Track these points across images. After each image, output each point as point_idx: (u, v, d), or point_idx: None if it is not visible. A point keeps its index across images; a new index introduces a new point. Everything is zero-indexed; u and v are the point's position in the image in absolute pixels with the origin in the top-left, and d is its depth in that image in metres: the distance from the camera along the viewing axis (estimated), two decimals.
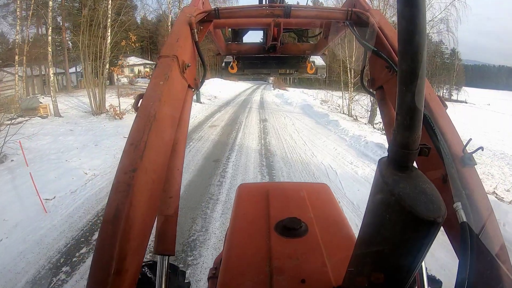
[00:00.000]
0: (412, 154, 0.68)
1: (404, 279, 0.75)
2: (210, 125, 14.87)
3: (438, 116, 1.14)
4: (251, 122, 15.79)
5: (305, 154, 9.94)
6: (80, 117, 16.78)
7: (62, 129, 13.66)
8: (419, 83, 0.60)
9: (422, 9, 0.57)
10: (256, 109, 21.92)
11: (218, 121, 16.26)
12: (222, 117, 17.56)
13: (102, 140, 11.16)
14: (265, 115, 18.68)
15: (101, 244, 0.81)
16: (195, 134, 12.69)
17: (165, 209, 1.24)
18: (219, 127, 14.47)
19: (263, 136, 12.41)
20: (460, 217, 0.80)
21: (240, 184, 2.37)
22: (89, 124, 14.83)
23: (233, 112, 20.10)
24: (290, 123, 15.76)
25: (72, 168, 8.37)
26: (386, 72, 1.39)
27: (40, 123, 15.20)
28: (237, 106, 23.88)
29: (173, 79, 1.22)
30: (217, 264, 1.86)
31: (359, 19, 1.54)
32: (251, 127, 14.26)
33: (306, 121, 16.55)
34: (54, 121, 15.93)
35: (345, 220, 1.81)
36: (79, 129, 13.62)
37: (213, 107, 22.62)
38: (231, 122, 15.81)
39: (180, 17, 1.50)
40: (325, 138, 12.35)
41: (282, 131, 13.51)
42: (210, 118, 17.34)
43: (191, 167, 8.46)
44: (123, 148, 0.95)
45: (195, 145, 10.95)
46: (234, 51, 2.54)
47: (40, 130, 13.25)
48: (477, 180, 1.00)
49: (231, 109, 21.83)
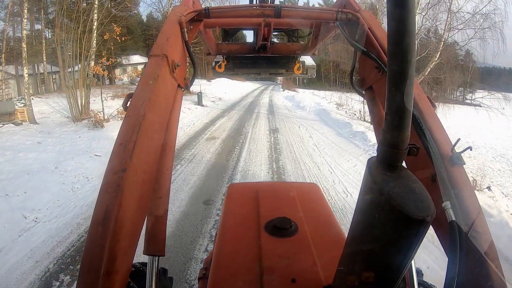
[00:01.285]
0: (401, 153, 0.69)
1: (394, 278, 0.76)
2: (208, 137, 12.24)
3: (427, 116, 1.16)
4: (259, 134, 13.09)
5: (335, 191, 7.06)
6: (58, 125, 14.41)
7: (29, 141, 11.48)
8: (408, 83, 0.61)
9: (411, 10, 0.57)
10: (264, 115, 19.33)
11: (219, 131, 13.64)
12: (225, 125, 14.94)
13: (66, 161, 8.77)
14: (276, 123, 16.03)
15: (90, 246, 0.81)
16: (187, 151, 10.14)
17: (155, 209, 1.26)
18: (219, 140, 11.80)
19: (275, 157, 9.59)
20: (449, 216, 0.84)
21: (230, 184, 2.44)
22: (63, 135, 12.52)
23: (238, 118, 17.49)
24: (307, 135, 13.03)
25: (9, 209, 6.10)
26: (375, 72, 1.42)
27: (10, 131, 13.22)
28: (243, 110, 21.27)
29: (162, 78, 1.22)
30: (207, 264, 1.87)
31: (349, 20, 1.57)
32: (259, 142, 11.55)
33: (326, 132, 13.82)
34: (26, 129, 13.73)
35: (334, 219, 1.84)
36: (49, 142, 11.32)
37: (215, 111, 20.11)
38: (234, 133, 13.14)
39: (170, 16, 1.50)
40: (354, 159, 9.57)
41: (298, 148, 10.77)
42: (210, 126, 14.80)
43: (169, 216, 5.71)
44: (112, 149, 0.94)
45: (182, 170, 8.35)
46: (225, 50, 2.56)
47: (5, 142, 11.37)
48: (465, 180, 1.01)
49: (236, 114, 19.20)
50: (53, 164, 8.55)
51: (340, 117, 17.91)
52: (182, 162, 8.91)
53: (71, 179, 7.55)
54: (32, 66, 26.93)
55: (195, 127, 14.37)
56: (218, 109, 21.09)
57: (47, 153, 9.62)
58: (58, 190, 7.01)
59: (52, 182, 7.36)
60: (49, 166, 8.45)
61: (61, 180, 7.48)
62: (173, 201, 6.30)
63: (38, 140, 11.53)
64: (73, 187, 7.23)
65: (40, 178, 7.51)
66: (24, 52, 14.37)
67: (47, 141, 11.30)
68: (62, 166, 8.35)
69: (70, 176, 7.75)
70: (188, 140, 11.73)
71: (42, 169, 8.17)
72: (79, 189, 7.16)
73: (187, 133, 13.05)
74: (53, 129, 13.44)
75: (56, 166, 8.38)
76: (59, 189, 7.07)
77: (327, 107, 23.23)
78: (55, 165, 8.45)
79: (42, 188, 6.99)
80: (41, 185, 7.14)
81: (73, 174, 7.86)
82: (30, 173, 7.90)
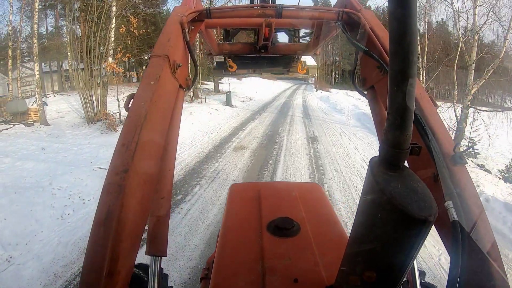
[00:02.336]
0: (403, 153, 0.69)
1: (396, 278, 0.77)
2: (236, 146, 10.51)
3: (429, 115, 1.17)
4: (296, 144, 11.16)
5: None
6: (70, 126, 13.33)
7: (34, 147, 10.45)
8: (410, 83, 0.62)
9: (413, 9, 0.58)
10: (299, 119, 17.46)
11: (249, 138, 11.90)
12: (255, 131, 13.21)
13: (64, 175, 7.42)
14: (313, 130, 14.09)
15: (92, 246, 0.82)
16: (209, 165, 8.54)
17: (157, 210, 1.26)
18: (249, 151, 10.03)
19: (318, 178, 7.64)
20: (451, 215, 0.82)
21: (232, 184, 2.44)
22: (72, 139, 11.39)
23: (271, 122, 15.71)
24: (351, 147, 10.97)
25: None
26: (377, 72, 1.43)
27: (18, 133, 12.35)
28: (276, 112, 19.50)
29: (164, 79, 1.23)
30: (210, 265, 1.89)
31: (351, 19, 1.58)
32: (297, 155, 9.63)
33: (372, 143, 11.65)
34: (36, 131, 12.78)
35: (336, 219, 1.86)
36: (53, 148, 10.16)
37: (245, 113, 18.50)
38: (267, 142, 11.32)
39: (171, 16, 1.52)
40: None
41: (345, 165, 8.74)
42: (239, 131, 13.13)
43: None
44: (114, 150, 0.95)
45: (200, 195, 6.64)
46: (226, 50, 2.57)
47: (8, 146, 10.39)
48: (468, 179, 1.02)
49: (268, 117, 17.44)
50: (48, 179, 7.29)
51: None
52: (201, 182, 7.28)
53: (63, 201, 6.20)
54: (57, 63, 26.66)
55: (222, 132, 12.81)
56: (248, 111, 19.57)
57: (46, 163, 8.37)
58: (45, 217, 5.69)
59: (40, 205, 6.02)
60: (43, 181, 7.17)
61: (51, 203, 6.12)
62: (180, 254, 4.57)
63: (43, 145, 10.46)
64: (63, 212, 5.88)
65: (27, 199, 6.17)
66: (35, 49, 13.29)
67: (52, 147, 10.18)
68: (58, 181, 7.03)
69: (64, 196, 6.41)
70: (213, 149, 10.13)
71: (34, 185, 6.88)
72: (70, 216, 5.79)
73: (212, 140, 11.46)
74: (63, 132, 12.40)
75: (50, 182, 7.07)
76: (46, 215, 5.74)
77: (367, 110, 20.83)
78: (50, 180, 7.15)
79: (26, 214, 5.69)
80: (26, 209, 5.83)
81: (68, 194, 6.52)
82: (18, 191, 6.62)
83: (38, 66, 13.45)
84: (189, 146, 10.55)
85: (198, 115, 15.62)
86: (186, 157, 9.19)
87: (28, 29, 18.02)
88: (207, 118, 15.56)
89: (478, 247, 0.81)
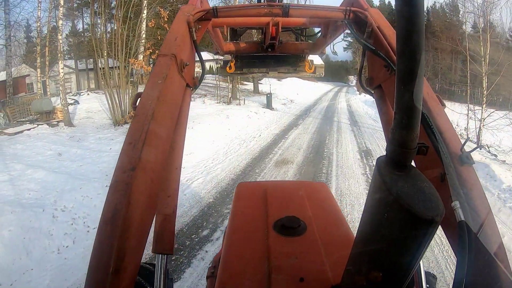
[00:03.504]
0: (410, 153, 0.70)
1: (402, 278, 0.77)
2: (278, 160, 9.05)
3: (436, 115, 1.19)
4: (347, 159, 9.46)
5: None
6: (96, 128, 12.58)
7: (50, 152, 9.72)
8: (418, 82, 0.63)
9: (420, 8, 0.59)
10: (347, 126, 15.84)
11: (293, 149, 10.41)
12: (300, 140, 11.73)
13: (72, 191, 6.33)
14: (365, 140, 12.37)
15: (99, 244, 0.83)
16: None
17: (164, 208, 1.30)
18: (293, 166, 8.54)
19: None
20: (458, 216, 0.82)
21: (239, 183, 2.46)
22: (93, 144, 10.58)
23: (316, 129, 14.18)
24: None
25: None
26: (384, 71, 1.45)
27: (39, 135, 11.77)
28: (320, 117, 17.99)
29: (171, 78, 1.26)
30: (216, 263, 1.92)
31: (358, 18, 1.60)
32: (350, 175, 7.96)
33: None
34: (58, 132, 12.18)
35: (343, 219, 1.89)
36: (71, 154, 9.31)
37: (287, 117, 17.14)
38: (313, 155, 9.76)
39: (178, 15, 1.56)
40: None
41: None
42: (281, 140, 11.74)
43: None
44: (121, 148, 0.97)
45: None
46: (233, 50, 2.60)
47: (24, 150, 9.69)
48: (475, 179, 1.03)
49: (312, 122, 15.93)
50: (54, 195, 6.25)
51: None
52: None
53: (64, 228, 5.13)
54: (93, 60, 26.74)
55: (262, 141, 11.49)
56: (290, 115, 18.24)
57: (57, 174, 7.40)
58: (38, 248, 4.63)
59: (36, 231, 4.94)
60: (48, 197, 6.14)
61: (50, 229, 5.04)
62: None
63: (61, 149, 9.67)
64: (61, 244, 4.79)
65: (22, 223, 5.10)
66: (60, 45, 12.64)
67: (69, 153, 9.33)
68: (63, 199, 6.00)
69: (66, 221, 5.32)
70: (251, 163, 8.77)
71: (35, 203, 5.84)
72: (68, 249, 4.70)
73: (250, 150, 10.12)
74: (86, 135, 11.63)
75: (55, 199, 6.10)
76: (40, 246, 4.69)
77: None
78: (55, 197, 6.20)
79: (18, 243, 4.65)
80: (19, 235, 4.80)
81: (71, 218, 5.45)
82: (16, 210, 5.63)
83: (62, 63, 12.85)
84: (224, 157, 9.31)
85: (236, 119, 14.48)
86: (219, 171, 7.95)
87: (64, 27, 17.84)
88: (245, 123, 14.39)
89: (485, 248, 0.78)
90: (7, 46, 15.71)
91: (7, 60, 15.99)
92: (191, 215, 5.66)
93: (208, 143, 10.42)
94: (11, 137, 11.47)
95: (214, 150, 9.89)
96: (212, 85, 27.83)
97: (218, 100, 20.56)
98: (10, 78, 16.18)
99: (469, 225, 0.78)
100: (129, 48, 12.85)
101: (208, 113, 15.50)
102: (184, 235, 5.07)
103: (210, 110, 16.77)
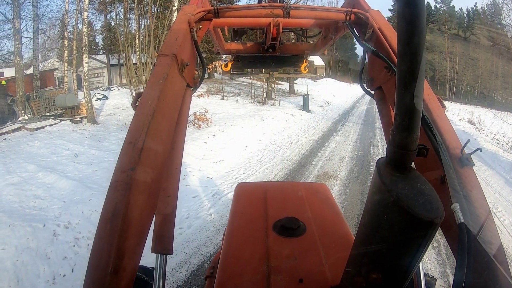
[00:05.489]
0: (411, 154, 0.70)
1: (401, 279, 0.78)
2: (319, 173, 8.20)
3: (436, 117, 1.18)
4: None
5: None
6: (120, 127, 12.29)
7: (68, 151, 9.45)
8: (418, 83, 0.63)
9: (421, 10, 0.59)
10: None
11: (335, 160, 9.38)
12: (342, 149, 10.71)
13: (81, 203, 5.79)
14: None
15: (98, 243, 0.82)
16: None
17: (163, 208, 1.30)
18: (337, 182, 7.53)
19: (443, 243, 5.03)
20: (457, 218, 0.82)
21: (238, 184, 2.43)
22: (114, 144, 10.41)
23: (358, 136, 13.13)
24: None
25: None
26: (385, 72, 1.44)
27: (60, 131, 11.61)
28: (360, 123, 16.85)
29: (171, 78, 1.25)
30: (215, 263, 1.90)
31: (359, 19, 1.61)
32: None
33: (489, 177, 8.54)
34: (80, 130, 11.77)
35: (342, 220, 1.87)
36: (89, 156, 8.88)
37: (326, 121, 16.11)
38: (358, 169, 8.75)
39: (179, 15, 1.55)
40: None
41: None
42: (321, 148, 10.75)
43: None
44: (121, 148, 0.94)
45: None
46: (234, 50, 2.63)
47: (41, 148, 9.47)
48: (475, 181, 1.02)
49: (353, 128, 14.78)
50: (60, 206, 5.75)
51: (492, 147, 12.26)
52: None
53: (64, 250, 4.50)
54: (125, 55, 26.70)
55: (300, 148, 10.54)
56: (329, 119, 17.21)
57: (69, 180, 6.90)
58: (31, 276, 4.02)
59: (32, 253, 4.35)
60: (52, 208, 5.66)
61: (47, 251, 4.43)
62: None
63: (79, 150, 9.25)
64: (57, 272, 4.13)
65: (18, 241, 4.56)
66: (85, 38, 12.11)
67: (87, 154, 8.84)
68: (69, 213, 5.42)
69: (68, 240, 4.71)
70: (289, 175, 7.91)
71: (37, 215, 5.38)
72: (66, 280, 4.04)
73: (287, 160, 9.19)
74: (108, 134, 11.15)
75: (60, 212, 5.66)
76: (34, 272, 4.08)
77: (464, 127, 18.04)
78: (61, 209, 5.75)
79: (9, 267, 4.10)
80: (11, 257, 4.25)
81: (74, 237, 4.81)
82: (15, 222, 4.97)
83: (86, 57, 12.34)
84: (258, 166, 8.42)
85: (271, 122, 13.56)
86: None
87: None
88: (281, 126, 13.45)
89: (484, 250, 0.80)
90: (35, 39, 15.64)
91: (34, 53, 16.00)
92: (216, 244, 4.74)
93: (240, 149, 9.61)
94: (32, 133, 11.18)
95: (247, 157, 8.99)
96: (246, 83, 27.03)
97: (252, 99, 19.71)
98: (37, 72, 16.16)
99: (468, 227, 0.78)
100: (157, 42, 12.29)
101: (242, 114, 14.73)
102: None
103: (243, 110, 15.98)
